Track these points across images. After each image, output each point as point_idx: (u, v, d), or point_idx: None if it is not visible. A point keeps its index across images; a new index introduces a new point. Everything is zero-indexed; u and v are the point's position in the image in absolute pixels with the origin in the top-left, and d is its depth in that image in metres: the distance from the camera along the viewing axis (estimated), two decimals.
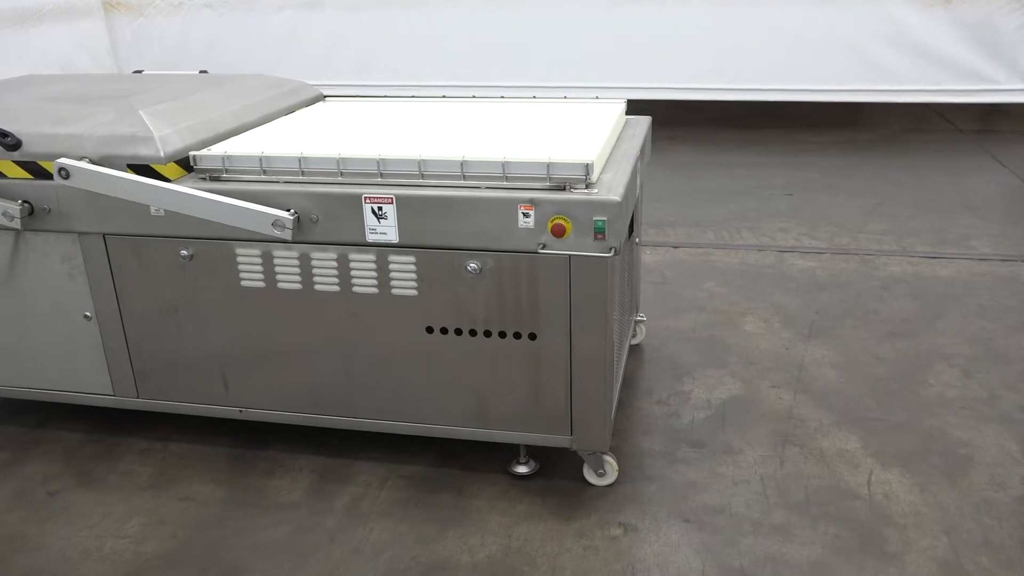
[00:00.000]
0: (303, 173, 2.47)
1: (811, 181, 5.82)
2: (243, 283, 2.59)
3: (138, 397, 2.84)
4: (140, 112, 2.63)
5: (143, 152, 2.53)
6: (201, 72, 3.66)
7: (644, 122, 3.12)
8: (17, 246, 2.71)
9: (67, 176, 2.50)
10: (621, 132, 2.97)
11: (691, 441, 2.85)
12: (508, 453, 2.74)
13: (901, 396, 3.09)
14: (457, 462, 2.77)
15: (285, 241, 2.46)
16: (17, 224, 2.60)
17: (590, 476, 2.63)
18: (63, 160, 2.50)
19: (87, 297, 2.74)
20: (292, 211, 2.42)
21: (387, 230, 2.42)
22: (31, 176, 2.61)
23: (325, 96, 3.44)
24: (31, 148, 2.59)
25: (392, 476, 2.71)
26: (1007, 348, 3.41)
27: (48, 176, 2.58)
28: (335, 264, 2.50)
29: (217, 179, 2.52)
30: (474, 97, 3.36)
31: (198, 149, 2.60)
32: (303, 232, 2.45)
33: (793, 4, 6.59)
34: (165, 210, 2.53)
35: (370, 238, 2.44)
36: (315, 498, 2.63)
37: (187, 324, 2.69)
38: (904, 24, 6.52)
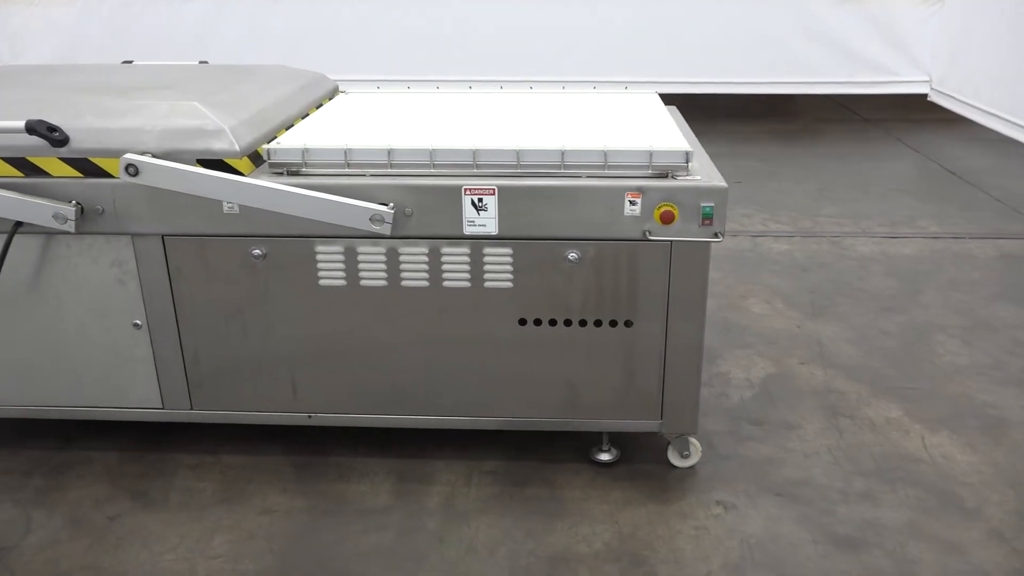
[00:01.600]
0: (391, 166, 2.39)
1: (754, 170, 6.09)
2: (321, 281, 2.48)
3: (191, 409, 2.67)
4: (198, 104, 2.46)
5: (216, 146, 2.37)
6: (201, 63, 3.44)
7: (676, 112, 3.19)
8: (56, 251, 2.49)
9: (135, 173, 2.32)
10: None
11: (750, 419, 2.95)
12: (580, 442, 2.75)
13: (919, 366, 3.31)
14: (531, 455, 2.75)
15: (379, 236, 2.37)
16: (71, 227, 2.38)
17: (674, 458, 2.68)
18: (131, 156, 2.31)
19: (138, 304, 2.55)
20: (390, 205, 2.33)
21: (486, 222, 2.38)
22: (81, 174, 2.40)
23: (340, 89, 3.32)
24: (81, 144, 2.38)
25: (473, 473, 2.67)
26: (990, 317, 3.71)
27: (102, 174, 2.38)
28: (426, 258, 2.43)
29: (296, 173, 2.40)
30: (502, 88, 3.34)
31: (264, 143, 2.47)
32: (395, 226, 2.37)
33: (719, 2, 6.87)
34: (240, 207, 2.39)
35: (467, 230, 2.39)
36: (403, 500, 2.55)
37: (254, 327, 2.55)
38: (820, 19, 6.92)
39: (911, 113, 7.66)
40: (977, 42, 6.38)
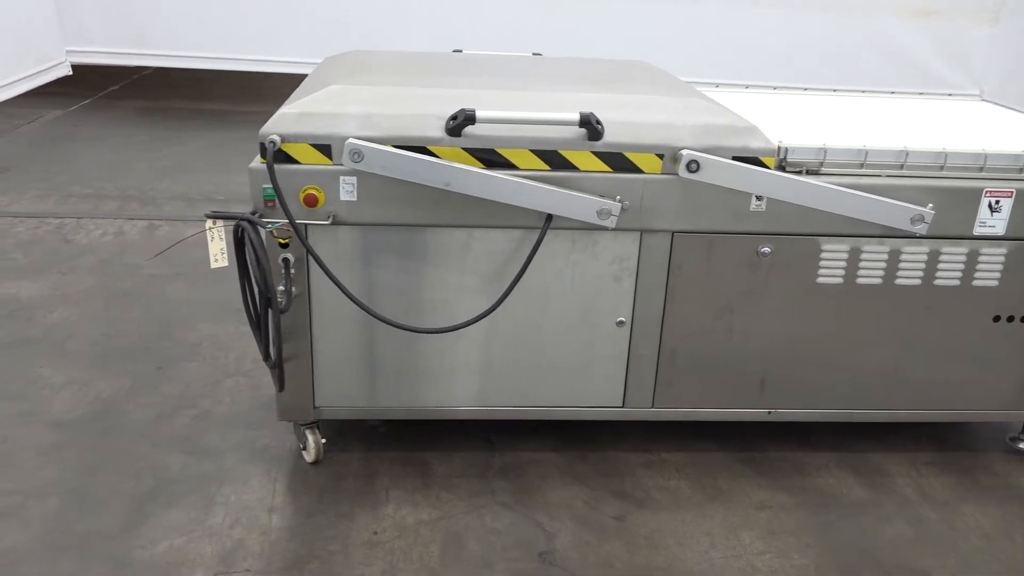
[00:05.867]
0: (903, 167, 2.46)
1: None
2: (819, 279, 2.52)
3: (651, 407, 2.64)
4: (714, 99, 2.45)
5: (753, 144, 2.37)
6: (535, 54, 3.35)
7: None
8: (557, 247, 2.42)
9: (696, 169, 2.30)
10: None
11: None
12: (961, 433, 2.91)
13: None
14: (954, 446, 2.86)
15: (914, 236, 2.44)
16: (612, 223, 2.33)
17: None
18: (692, 152, 2.28)
19: (627, 301, 2.51)
20: (930, 206, 2.40)
21: (996, 223, 2.48)
22: (610, 169, 2.35)
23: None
24: (615, 138, 2.33)
25: (917, 464, 2.76)
26: None
27: (631, 169, 2.34)
28: (924, 258, 2.51)
29: (815, 172, 2.43)
30: (835, 91, 3.44)
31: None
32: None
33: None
34: (767, 205, 2.40)
35: (977, 231, 2.48)
36: (880, 491, 2.62)
37: (741, 324, 2.56)
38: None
39: None
40: None
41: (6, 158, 5.65)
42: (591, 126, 2.26)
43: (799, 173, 2.42)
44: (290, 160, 2.27)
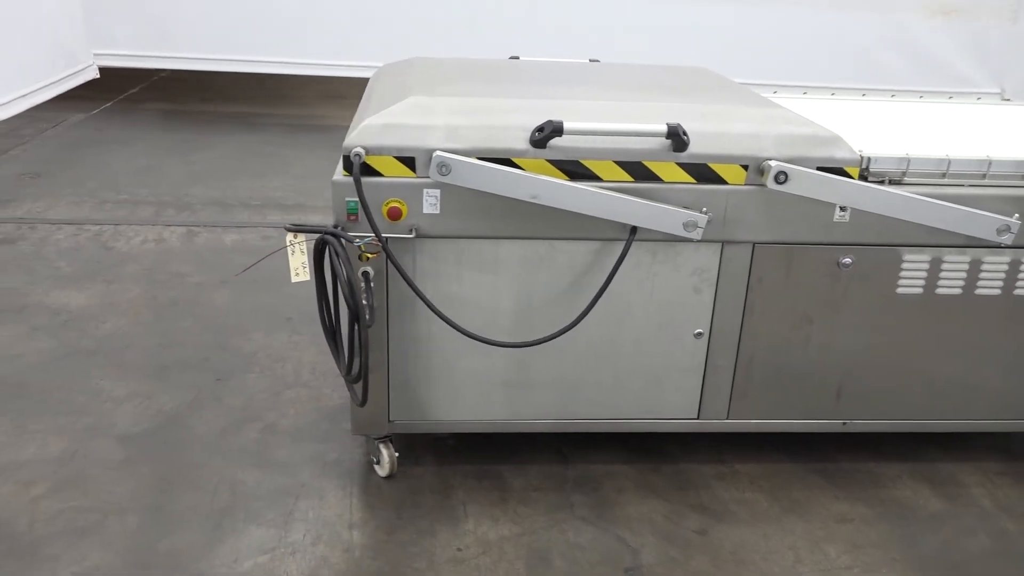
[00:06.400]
0: (985, 177, 2.44)
1: None
2: (899, 290, 2.50)
3: (726, 418, 2.63)
4: (788, 108, 2.43)
5: (838, 154, 2.34)
6: (592, 60, 3.32)
7: None
8: (638, 259, 2.39)
9: (784, 180, 2.27)
10: None
11: None
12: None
13: None
14: (1003, 455, 2.84)
15: (995, 246, 2.42)
16: (698, 235, 2.31)
17: None
18: (779, 163, 2.26)
19: (706, 313, 2.49)
20: (1016, 216, 2.38)
21: None
22: (694, 180, 2.32)
23: None
24: (700, 149, 2.30)
25: (987, 474, 2.74)
26: None
27: (715, 180, 2.32)
28: (1006, 268, 2.49)
29: (898, 183, 2.41)
30: (893, 96, 3.42)
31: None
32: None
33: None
34: (850, 216, 2.38)
35: None
36: (956, 503, 2.60)
37: (818, 335, 2.54)
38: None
39: None
40: None
41: (37, 163, 5.61)
42: (678, 137, 2.24)
43: (881, 183, 2.41)
44: (373, 172, 2.24)
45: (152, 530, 2.33)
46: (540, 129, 2.22)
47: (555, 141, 2.24)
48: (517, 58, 3.28)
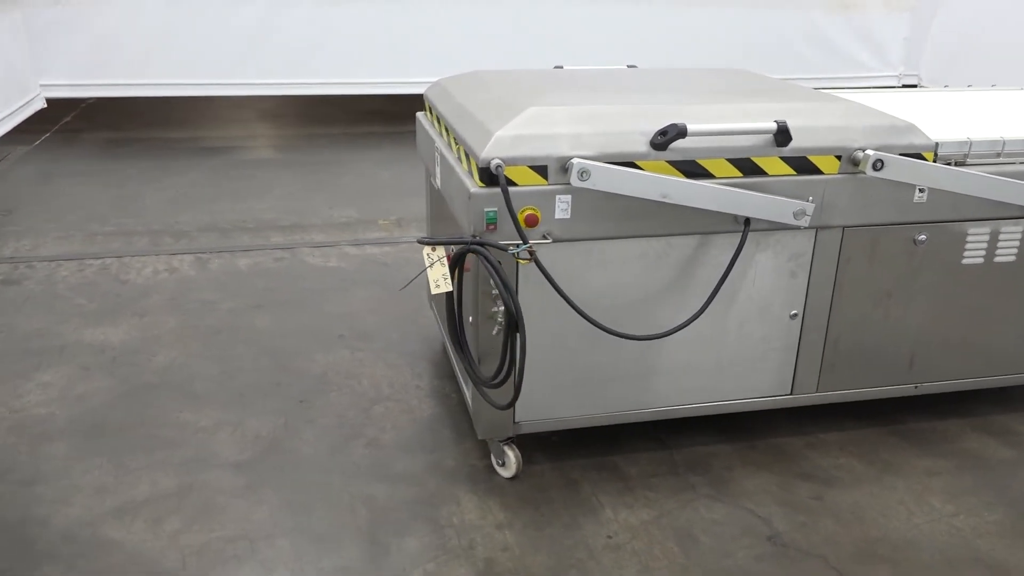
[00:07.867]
0: None
1: None
2: (964, 260, 2.76)
3: (816, 391, 2.83)
4: (868, 103, 2.65)
5: (917, 141, 2.58)
6: (630, 67, 3.46)
7: None
8: (744, 249, 2.56)
9: (881, 167, 2.48)
10: None
11: None
12: None
13: None
14: None
15: None
16: (806, 222, 2.49)
17: None
18: (874, 152, 2.47)
19: (800, 294, 2.68)
20: None
21: None
22: (795, 172, 2.51)
23: None
24: (799, 143, 2.48)
25: None
26: None
27: (813, 170, 2.51)
28: None
29: (961, 164, 2.67)
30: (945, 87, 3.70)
31: None
32: None
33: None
34: (928, 196, 2.61)
35: None
36: (1020, 450, 2.88)
37: (895, 308, 2.77)
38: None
39: None
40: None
41: (3, 199, 5.34)
42: (785, 133, 2.42)
43: (948, 164, 2.66)
44: (508, 182, 2.32)
45: (309, 552, 2.33)
46: (663, 132, 2.36)
47: (676, 143, 2.38)
48: (561, 67, 3.40)
